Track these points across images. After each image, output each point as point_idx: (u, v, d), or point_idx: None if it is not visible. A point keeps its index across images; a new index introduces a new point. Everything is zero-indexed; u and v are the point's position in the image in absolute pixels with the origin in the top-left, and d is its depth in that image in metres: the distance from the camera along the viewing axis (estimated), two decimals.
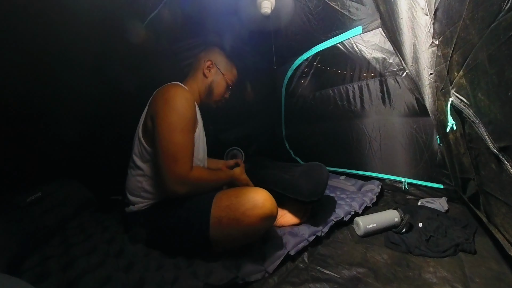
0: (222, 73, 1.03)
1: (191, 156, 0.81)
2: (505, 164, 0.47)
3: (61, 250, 0.81)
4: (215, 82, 1.01)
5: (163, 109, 0.80)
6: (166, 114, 0.80)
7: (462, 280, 0.72)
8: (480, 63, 0.45)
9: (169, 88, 0.87)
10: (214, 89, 1.02)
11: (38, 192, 1.00)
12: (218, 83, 1.02)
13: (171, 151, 0.77)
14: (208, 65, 1.00)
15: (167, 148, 0.77)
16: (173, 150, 0.77)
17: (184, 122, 0.81)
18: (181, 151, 0.78)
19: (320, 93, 1.71)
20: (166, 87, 0.89)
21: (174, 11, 1.19)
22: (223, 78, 1.03)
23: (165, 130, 0.78)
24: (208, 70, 1.00)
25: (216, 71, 1.02)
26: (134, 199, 0.88)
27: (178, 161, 0.77)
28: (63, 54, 0.98)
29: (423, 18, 0.62)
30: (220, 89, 1.03)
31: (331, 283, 0.73)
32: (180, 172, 0.76)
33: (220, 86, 1.03)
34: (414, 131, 1.32)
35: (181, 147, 0.78)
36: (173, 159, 0.76)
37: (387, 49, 1.30)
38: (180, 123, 0.80)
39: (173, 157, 0.76)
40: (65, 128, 1.14)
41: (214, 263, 0.75)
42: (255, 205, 0.74)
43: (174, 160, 0.76)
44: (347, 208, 1.14)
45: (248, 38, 1.59)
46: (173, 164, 0.76)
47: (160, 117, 0.79)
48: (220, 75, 1.02)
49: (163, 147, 0.77)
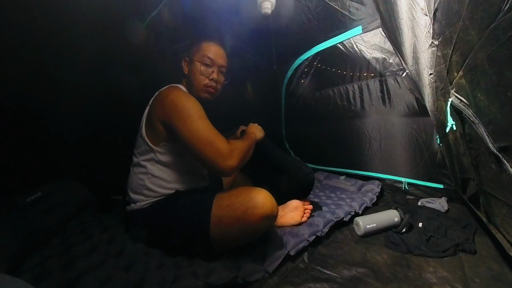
0: (193, 60, 0.96)
1: (220, 134, 0.82)
2: (505, 164, 0.47)
3: (61, 250, 0.81)
4: (190, 72, 0.97)
5: (175, 112, 0.81)
6: (180, 114, 0.81)
7: (462, 280, 0.72)
8: (479, 63, 0.45)
9: (170, 90, 0.88)
10: (191, 77, 0.97)
11: (38, 192, 1.00)
12: (192, 71, 0.96)
13: (203, 138, 0.78)
14: (185, 63, 0.99)
15: (199, 138, 0.78)
16: (204, 136, 0.79)
17: (198, 111, 0.82)
18: (211, 133, 0.80)
19: (320, 93, 1.71)
20: (167, 89, 0.89)
21: (174, 11, 1.19)
22: (195, 63, 0.95)
23: (188, 127, 0.79)
24: (186, 67, 0.99)
25: (189, 62, 0.98)
26: (136, 197, 0.89)
27: (214, 141, 0.79)
28: (63, 54, 0.98)
29: (423, 18, 0.63)
30: (195, 72, 0.96)
31: (331, 283, 0.73)
32: (222, 148, 0.78)
33: (194, 71, 0.96)
34: (414, 131, 1.32)
35: (208, 130, 0.80)
36: (209, 142, 0.78)
37: (387, 49, 1.30)
38: (196, 113, 0.81)
39: (208, 141, 0.78)
40: (65, 128, 1.14)
41: (214, 262, 0.76)
42: (256, 205, 0.75)
43: (211, 142, 0.78)
44: (347, 208, 1.14)
45: (248, 38, 1.60)
46: (213, 146, 0.78)
47: (176, 119, 0.80)
48: (192, 62, 0.96)
49: (195, 140, 0.78)
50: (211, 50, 0.96)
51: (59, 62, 0.98)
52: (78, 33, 0.96)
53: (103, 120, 1.26)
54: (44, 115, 1.06)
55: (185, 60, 0.99)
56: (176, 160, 0.89)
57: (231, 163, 0.79)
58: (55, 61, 0.97)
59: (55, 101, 1.06)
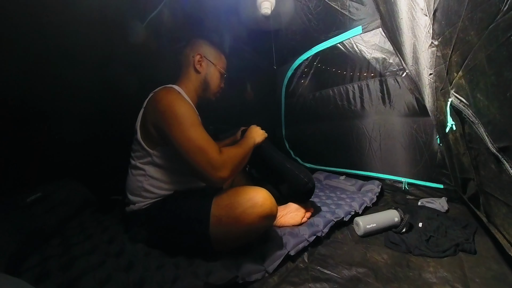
0: (214, 64, 1.00)
1: (213, 142, 0.81)
2: (505, 164, 0.47)
3: (61, 250, 0.81)
4: (209, 75, 0.99)
5: (167, 118, 0.79)
6: (172, 121, 0.79)
7: (462, 280, 0.72)
8: (479, 63, 0.45)
9: (163, 94, 0.86)
10: (210, 81, 1.00)
11: (38, 192, 1.00)
12: (212, 75, 1.00)
13: (195, 147, 0.77)
14: (198, 60, 0.97)
15: (190, 147, 0.77)
16: (196, 145, 0.77)
17: (191, 118, 0.81)
18: (203, 142, 0.78)
19: (320, 93, 1.71)
20: (160, 92, 0.87)
21: (174, 11, 1.19)
22: (216, 68, 1.00)
23: (179, 134, 0.78)
24: (199, 65, 0.97)
25: (207, 63, 0.99)
26: (134, 198, 0.88)
27: (206, 150, 0.77)
28: (64, 55, 0.98)
29: (423, 18, 0.62)
30: (215, 80, 1.01)
31: (331, 283, 0.73)
32: (213, 159, 0.77)
33: (214, 77, 1.01)
34: (414, 131, 1.32)
35: (200, 138, 0.79)
36: (200, 151, 0.77)
37: (387, 49, 1.30)
38: (188, 121, 0.80)
39: (199, 150, 0.77)
40: (65, 128, 1.15)
41: (214, 262, 0.76)
42: (255, 204, 0.75)
43: (202, 152, 0.77)
44: (347, 208, 1.14)
45: (248, 38, 1.59)
46: (204, 156, 0.77)
47: (168, 126, 0.79)
48: (212, 66, 1.00)
49: (186, 148, 0.77)
50: (224, 63, 1.05)
51: (59, 62, 0.98)
52: (78, 33, 0.97)
53: (104, 120, 1.26)
54: (44, 115, 1.06)
55: (198, 56, 0.96)
56: (173, 162, 0.88)
57: (221, 174, 0.78)
58: (56, 61, 0.97)
59: (55, 101, 1.07)
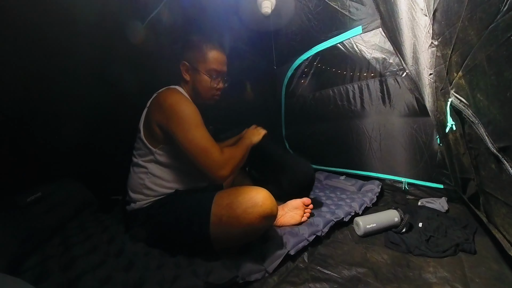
0: (198, 69, 0.94)
1: (215, 142, 0.85)
2: (505, 164, 0.47)
3: (61, 250, 0.82)
4: (196, 82, 0.96)
5: (173, 118, 0.83)
6: (178, 120, 0.82)
7: (462, 280, 0.72)
8: (479, 63, 0.45)
9: (168, 94, 0.89)
10: (198, 87, 0.97)
11: (38, 192, 1.00)
12: (198, 81, 0.96)
13: (199, 147, 0.82)
14: (184, 69, 0.96)
15: (195, 147, 0.82)
16: (200, 145, 0.82)
17: (196, 119, 0.84)
18: (206, 142, 0.83)
19: (320, 93, 1.71)
20: (166, 92, 0.89)
21: (174, 11, 1.19)
22: (201, 73, 0.95)
23: (185, 134, 0.82)
24: (186, 73, 0.96)
25: (192, 70, 0.95)
26: (135, 196, 0.89)
27: (208, 150, 0.82)
28: (64, 55, 0.98)
29: (423, 18, 0.63)
30: (203, 85, 0.96)
31: (331, 283, 0.73)
32: (215, 158, 0.82)
33: (202, 83, 0.95)
34: (414, 131, 1.32)
35: (204, 138, 0.83)
36: (204, 151, 0.82)
37: (387, 49, 1.30)
38: (193, 121, 0.84)
39: (203, 149, 0.82)
40: (65, 128, 1.14)
41: (214, 262, 0.76)
42: (255, 204, 0.75)
43: (205, 151, 0.82)
44: (347, 208, 1.14)
45: (248, 38, 1.60)
46: (207, 155, 0.82)
47: (174, 125, 0.82)
48: (197, 71, 0.95)
49: (190, 148, 0.82)
50: (217, 60, 0.95)
51: (59, 62, 0.98)
52: (78, 34, 0.97)
53: (104, 120, 1.26)
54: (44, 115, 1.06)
55: (183, 65, 0.95)
56: (175, 161, 0.90)
57: (223, 173, 0.84)
58: (56, 61, 0.97)
59: (56, 102, 1.07)
